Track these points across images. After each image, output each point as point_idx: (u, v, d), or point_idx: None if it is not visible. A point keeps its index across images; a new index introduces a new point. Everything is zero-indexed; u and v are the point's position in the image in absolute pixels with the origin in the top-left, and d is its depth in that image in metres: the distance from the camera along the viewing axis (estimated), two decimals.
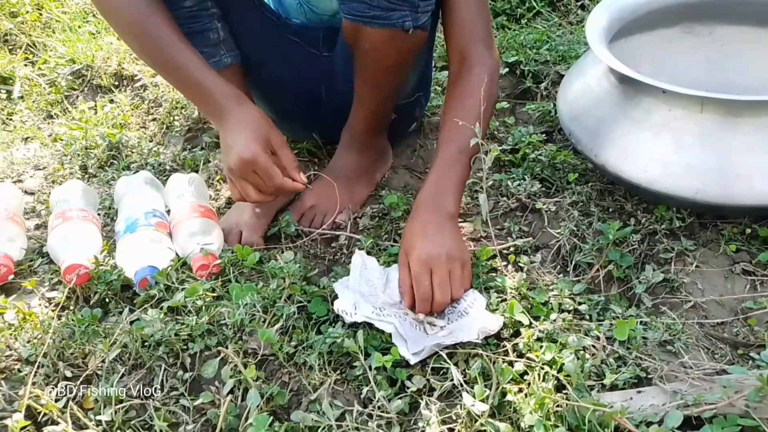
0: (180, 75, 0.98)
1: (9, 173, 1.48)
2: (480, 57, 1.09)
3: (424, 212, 1.01)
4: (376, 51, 1.06)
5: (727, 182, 0.99)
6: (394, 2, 0.98)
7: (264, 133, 0.96)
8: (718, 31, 1.35)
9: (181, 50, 0.96)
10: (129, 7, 0.96)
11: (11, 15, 2.07)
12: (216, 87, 0.97)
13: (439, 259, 0.95)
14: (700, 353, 0.90)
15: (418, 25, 1.02)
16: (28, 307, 1.02)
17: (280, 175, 0.97)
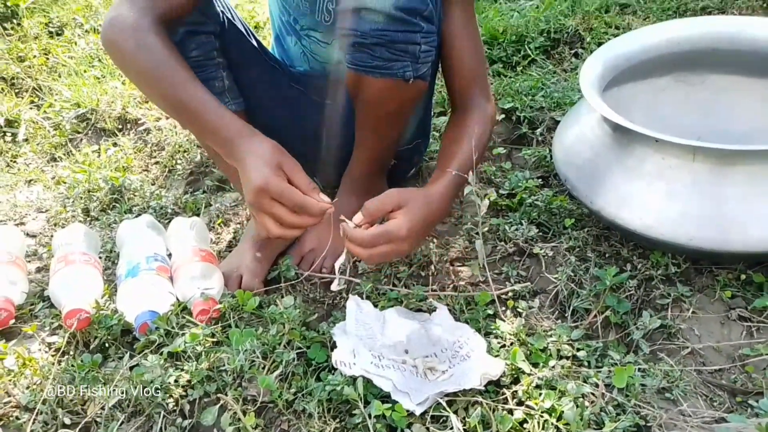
0: (193, 115, 0.96)
1: (12, 216, 1.49)
2: (479, 102, 1.15)
3: (432, 205, 1.00)
4: (377, 99, 1.09)
5: (721, 229, 1.01)
6: (396, 53, 1.02)
7: (275, 159, 0.91)
8: (710, 80, 1.39)
9: (193, 91, 0.95)
10: (142, 55, 0.96)
11: (19, 59, 2.12)
12: (228, 125, 0.95)
13: (403, 245, 0.95)
14: (699, 401, 0.90)
15: (418, 75, 1.06)
16: (28, 353, 1.02)
17: (299, 194, 0.89)
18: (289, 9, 1.26)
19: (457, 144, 1.09)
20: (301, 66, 1.34)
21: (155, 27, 0.97)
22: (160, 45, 0.96)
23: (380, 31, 0.98)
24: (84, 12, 2.38)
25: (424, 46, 1.03)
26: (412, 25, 0.99)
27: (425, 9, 0.99)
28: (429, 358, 0.98)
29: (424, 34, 1.01)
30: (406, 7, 0.97)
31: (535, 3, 2.15)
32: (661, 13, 1.98)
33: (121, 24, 0.97)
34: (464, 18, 1.13)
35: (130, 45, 0.96)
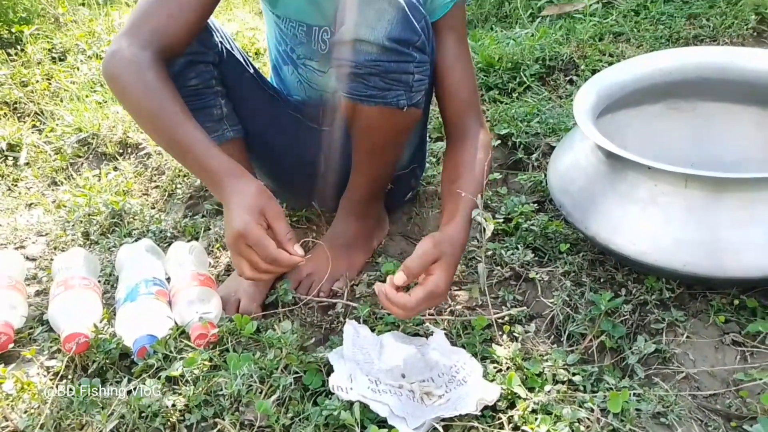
0: (184, 152, 0.99)
1: (12, 239, 1.50)
2: (474, 130, 1.16)
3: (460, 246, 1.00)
4: (372, 127, 1.12)
5: (714, 255, 1.02)
6: (390, 82, 1.04)
7: (258, 205, 0.93)
8: (702, 108, 1.42)
9: (186, 129, 0.98)
10: (140, 90, 0.98)
11: (22, 84, 2.14)
12: (218, 163, 0.97)
13: (441, 299, 0.98)
14: (693, 426, 0.91)
15: (412, 103, 1.08)
16: (27, 377, 1.03)
17: (273, 247, 0.91)
18: (286, 38, 1.29)
19: (462, 177, 1.09)
20: (298, 94, 1.37)
21: (154, 62, 0.99)
22: (158, 81, 0.98)
23: (374, 61, 1.01)
24: (87, 38, 2.42)
25: (417, 75, 1.05)
26: (405, 56, 1.02)
27: (417, 40, 1.02)
28: (426, 382, 0.98)
29: (417, 64, 1.04)
30: (399, 39, 1.00)
31: (530, 31, 2.19)
32: (654, 41, 2.02)
33: (121, 58, 0.99)
34: (457, 48, 1.16)
35: (128, 80, 0.98)
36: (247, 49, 2.36)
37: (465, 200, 1.04)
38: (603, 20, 2.18)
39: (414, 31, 1.01)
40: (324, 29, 1.22)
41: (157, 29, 1.01)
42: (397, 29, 0.99)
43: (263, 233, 0.91)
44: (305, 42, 1.25)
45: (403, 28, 1.00)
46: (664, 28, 2.08)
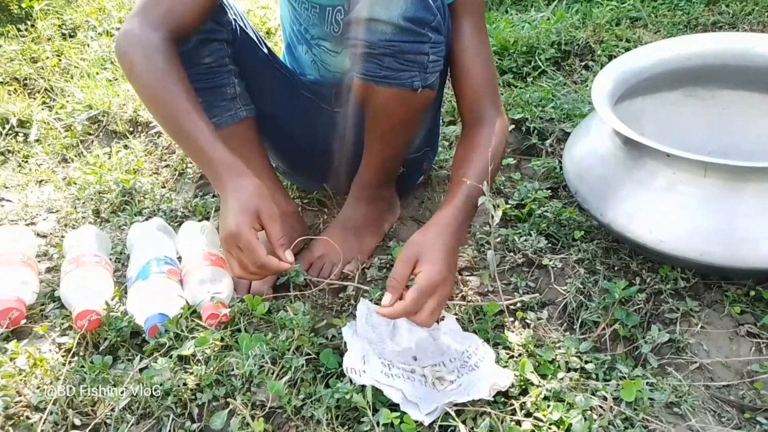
0: (188, 142, 0.98)
1: (23, 216, 1.50)
2: (490, 116, 1.13)
3: (447, 233, 0.98)
4: (385, 108, 1.10)
5: (731, 245, 1.01)
6: (404, 63, 1.02)
7: (254, 205, 0.93)
8: (720, 96, 1.39)
9: (191, 119, 0.97)
10: (149, 74, 0.98)
11: (32, 60, 2.13)
12: (218, 156, 0.96)
13: (445, 288, 0.95)
14: (707, 416, 0.90)
15: (426, 84, 1.06)
16: (39, 353, 1.03)
17: (262, 253, 0.92)
18: (300, 19, 1.27)
19: (469, 161, 1.08)
20: (312, 74, 1.35)
21: (165, 44, 0.99)
22: (166, 65, 0.98)
23: (389, 41, 0.99)
24: (97, 15, 2.40)
25: (432, 56, 1.03)
26: (420, 36, 1.00)
27: (433, 19, 1.00)
28: (437, 367, 0.98)
29: (432, 44, 1.02)
30: (415, 18, 0.98)
31: (546, 15, 2.16)
32: (671, 27, 1.99)
33: (132, 38, 0.98)
34: (474, 31, 1.13)
35: (138, 61, 0.98)
36: (258, 28, 2.33)
37: (465, 186, 1.02)
38: (620, 5, 2.14)
39: (430, 11, 0.99)
40: (338, 9, 1.20)
41: (168, 9, 1.00)
42: (412, 8, 0.98)
43: (254, 238, 0.92)
44: (318, 23, 1.23)
45: (419, 7, 0.98)
46: (683, 14, 2.05)
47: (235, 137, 1.19)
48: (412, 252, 0.95)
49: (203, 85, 1.14)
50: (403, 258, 0.95)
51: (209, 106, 1.16)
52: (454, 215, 1.01)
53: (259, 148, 1.26)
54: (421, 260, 0.94)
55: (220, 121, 1.18)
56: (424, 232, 0.98)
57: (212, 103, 1.17)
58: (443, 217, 1.00)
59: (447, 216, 1.00)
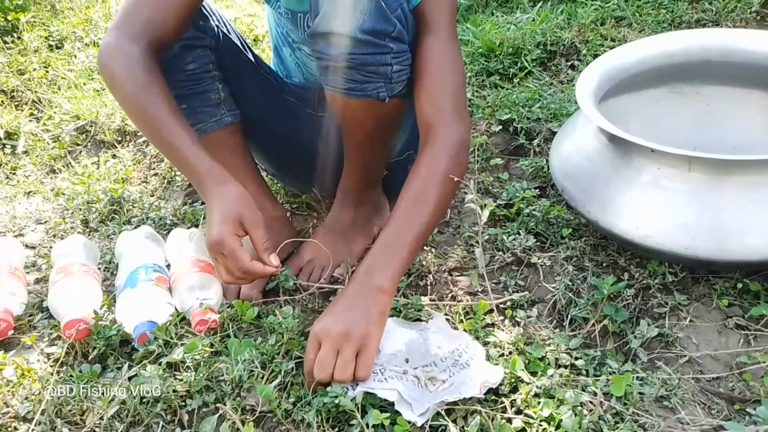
0: (171, 152, 0.99)
1: (11, 227, 1.49)
2: (446, 128, 1.03)
3: (351, 284, 0.95)
4: (356, 118, 1.10)
5: (717, 238, 1.02)
6: (367, 75, 1.01)
7: (236, 212, 0.94)
8: (704, 92, 1.40)
9: (173, 129, 0.98)
10: (130, 86, 0.99)
11: (19, 72, 2.13)
12: (201, 164, 0.97)
13: (328, 335, 0.89)
14: (697, 409, 0.91)
15: (393, 94, 1.05)
16: (27, 363, 1.02)
17: (246, 260, 0.92)
18: (282, 21, 1.28)
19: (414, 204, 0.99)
20: (297, 77, 1.36)
21: (144, 56, 1.00)
22: (147, 77, 0.99)
23: (349, 54, 0.98)
24: (84, 26, 2.40)
25: (396, 66, 1.02)
26: (380, 47, 0.99)
27: (393, 30, 0.98)
28: (429, 367, 0.98)
29: (394, 55, 1.01)
30: (373, 30, 0.96)
31: (531, 16, 2.17)
32: (656, 26, 2.00)
33: (112, 51, 1.00)
34: (434, 36, 1.05)
35: (119, 73, 0.99)
36: (245, 36, 2.33)
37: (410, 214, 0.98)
38: (605, 4, 2.16)
39: (389, 21, 0.97)
40: (308, 16, 1.20)
41: (146, 21, 1.01)
42: (370, 20, 0.96)
43: (237, 245, 0.93)
44: (293, 28, 1.24)
45: (377, 18, 0.96)
46: (666, 13, 2.06)
47: (221, 143, 1.20)
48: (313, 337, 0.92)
49: (187, 91, 1.15)
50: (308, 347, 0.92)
51: (194, 112, 1.16)
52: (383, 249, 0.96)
53: (245, 153, 1.26)
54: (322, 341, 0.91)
55: (205, 127, 1.18)
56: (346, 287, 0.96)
57: (197, 109, 1.17)
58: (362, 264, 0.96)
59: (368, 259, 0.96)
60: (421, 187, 1.00)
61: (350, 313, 0.92)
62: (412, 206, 0.99)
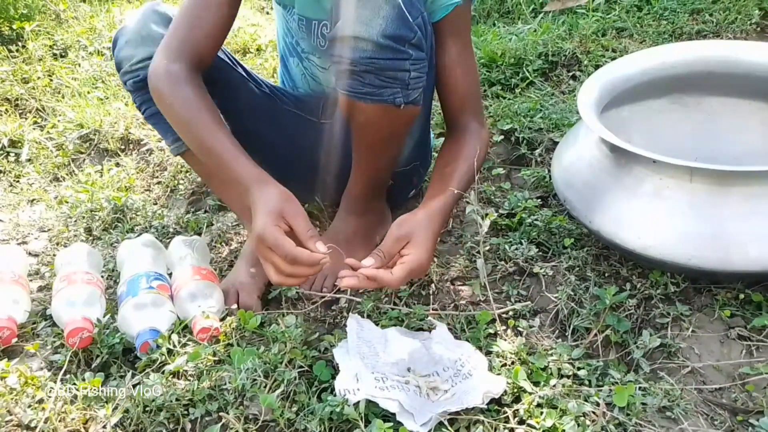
0: (217, 162, 1.02)
1: (14, 235, 1.50)
2: (474, 127, 1.18)
3: (436, 222, 1.04)
4: (370, 124, 1.11)
5: (719, 249, 1.02)
6: (385, 80, 1.03)
7: (277, 208, 0.94)
8: (706, 103, 1.41)
9: (217, 139, 1.02)
10: (177, 104, 1.05)
11: (23, 81, 2.14)
12: (244, 171, 1.00)
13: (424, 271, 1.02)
14: (700, 419, 0.91)
15: (409, 101, 1.07)
16: (30, 371, 1.02)
17: (291, 245, 0.91)
18: (292, 30, 1.29)
19: (452, 165, 1.13)
20: (303, 87, 1.37)
21: (188, 75, 1.06)
22: (192, 94, 1.05)
23: (369, 59, 1.00)
24: (88, 35, 2.42)
25: (413, 72, 1.04)
26: (400, 53, 1.00)
27: (413, 37, 1.00)
28: (431, 377, 0.98)
29: (413, 61, 1.02)
30: (394, 36, 0.99)
31: (532, 27, 2.19)
32: (657, 37, 2.02)
33: (158, 74, 1.06)
34: (458, 48, 1.16)
35: (166, 93, 1.05)
36: (248, 46, 2.35)
37: (451, 185, 1.08)
38: (606, 16, 2.17)
39: (410, 28, 1.00)
40: (323, 24, 1.21)
41: (184, 42, 1.08)
42: (392, 26, 0.98)
43: (280, 234, 0.91)
44: (306, 37, 1.25)
45: (399, 24, 0.98)
46: (667, 24, 2.08)
47: None
48: (405, 232, 1.01)
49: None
50: (395, 236, 1.01)
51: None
52: (442, 208, 1.05)
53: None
54: (413, 242, 1.00)
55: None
56: (416, 214, 1.04)
57: None
58: (434, 206, 1.05)
59: (437, 206, 1.05)
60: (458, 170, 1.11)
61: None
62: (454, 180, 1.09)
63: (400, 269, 0.97)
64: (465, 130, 1.18)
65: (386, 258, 0.99)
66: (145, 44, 1.15)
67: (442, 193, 1.07)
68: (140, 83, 1.16)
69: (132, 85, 1.18)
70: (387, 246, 1.00)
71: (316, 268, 0.93)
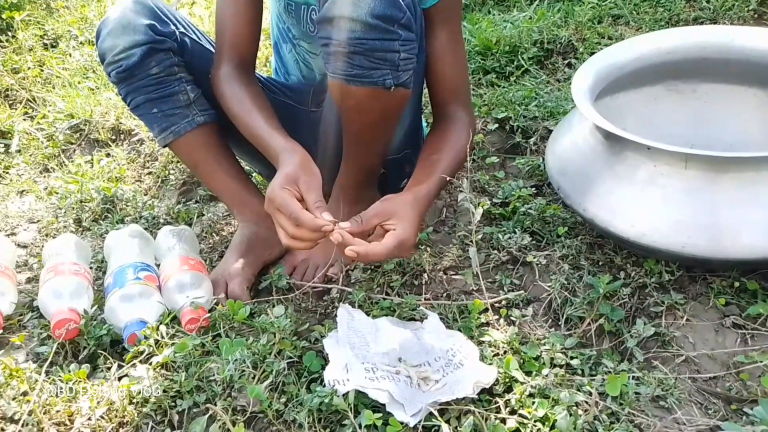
0: (258, 141, 1.09)
1: (3, 226, 1.48)
2: (460, 116, 1.19)
3: (421, 204, 1.04)
4: (359, 108, 1.09)
5: (713, 236, 1.01)
6: (375, 61, 1.01)
7: (293, 173, 0.97)
8: (701, 89, 1.39)
9: (257, 122, 1.10)
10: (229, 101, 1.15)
11: (13, 71, 2.12)
12: (276, 143, 1.05)
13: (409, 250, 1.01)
14: (693, 409, 0.90)
15: (399, 83, 1.05)
16: (16, 363, 1.01)
17: (297, 207, 0.93)
18: (284, 16, 1.27)
19: (437, 153, 1.13)
20: (295, 74, 1.35)
21: (231, 73, 1.17)
22: (233, 91, 1.15)
23: (358, 39, 0.98)
24: (79, 24, 2.39)
25: (403, 53, 1.02)
26: (389, 33, 0.99)
27: (402, 17, 0.99)
28: (423, 367, 0.97)
29: (402, 42, 1.01)
30: (383, 15, 0.97)
31: (528, 14, 2.16)
32: (653, 24, 1.99)
33: (213, 81, 1.19)
34: (448, 36, 1.16)
35: (219, 96, 1.18)
36: None
37: (438, 171, 1.09)
38: (602, 3, 2.15)
39: (398, 8, 0.98)
40: (312, 8, 1.20)
41: (221, 47, 1.19)
42: (380, 6, 0.97)
43: (288, 195, 0.95)
44: (296, 23, 1.23)
45: (388, 4, 0.97)
46: (664, 11, 2.05)
47: (197, 143, 1.22)
48: (388, 208, 1.00)
49: (155, 95, 1.18)
50: (379, 209, 1.00)
51: (165, 116, 1.20)
52: (427, 194, 1.06)
53: (224, 151, 1.27)
54: (398, 217, 0.99)
55: (178, 129, 1.21)
56: (402, 194, 1.05)
57: (167, 112, 1.20)
58: (419, 190, 1.06)
59: (422, 191, 1.06)
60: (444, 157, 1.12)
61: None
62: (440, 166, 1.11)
63: (390, 237, 0.97)
64: (452, 119, 1.18)
65: (363, 224, 0.98)
66: (126, 34, 1.13)
67: (427, 180, 1.07)
68: (123, 74, 1.15)
69: (115, 76, 1.17)
70: (368, 215, 1.00)
71: (318, 234, 0.94)
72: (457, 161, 1.13)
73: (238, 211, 1.29)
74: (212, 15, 2.22)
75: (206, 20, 2.32)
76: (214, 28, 1.24)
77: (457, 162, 1.14)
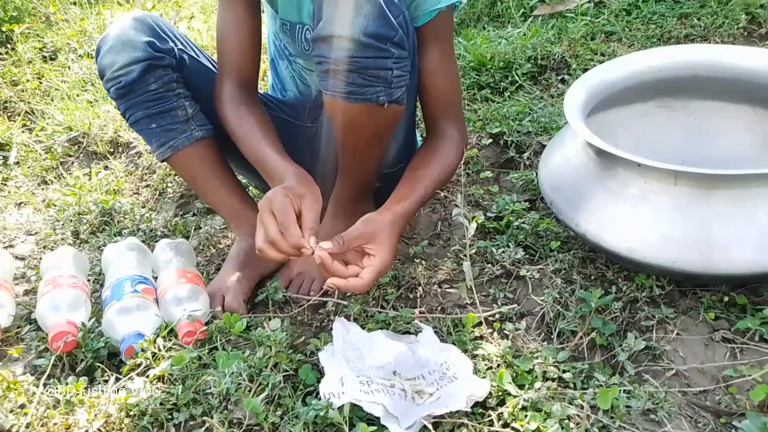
0: (261, 165, 1.12)
1: (1, 238, 1.49)
2: (451, 132, 1.21)
3: (400, 224, 1.08)
4: (354, 124, 1.11)
5: (703, 252, 1.02)
6: (368, 79, 1.03)
7: (299, 191, 1.01)
8: (692, 106, 1.42)
9: (258, 147, 1.13)
10: (231, 122, 1.19)
11: (12, 83, 2.13)
12: (286, 169, 1.08)
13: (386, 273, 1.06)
14: (683, 422, 0.91)
15: (392, 99, 1.07)
16: (13, 376, 1.02)
17: (291, 216, 0.97)
18: (280, 34, 1.29)
19: (422, 169, 1.16)
20: (292, 90, 1.37)
21: (233, 94, 1.20)
22: (237, 109, 1.19)
23: (352, 57, 1.00)
24: (78, 37, 2.41)
25: (396, 71, 1.04)
26: (382, 51, 1.01)
27: (395, 35, 1.01)
28: (417, 380, 0.98)
29: (395, 60, 1.03)
30: (376, 34, 0.99)
31: (522, 30, 2.19)
32: (645, 41, 2.02)
33: (216, 101, 1.22)
34: (440, 54, 1.17)
35: (221, 117, 1.20)
36: None
37: (420, 187, 1.12)
38: (595, 19, 2.18)
39: (391, 27, 1.00)
40: (306, 28, 1.22)
41: (223, 67, 1.22)
42: (373, 24, 0.98)
43: (288, 203, 0.98)
44: (291, 41, 1.25)
45: (380, 23, 0.99)
46: (656, 28, 2.08)
47: (195, 157, 1.24)
48: (371, 230, 1.03)
49: (154, 110, 1.20)
50: (360, 231, 1.03)
51: (164, 131, 1.22)
52: (406, 213, 1.09)
53: (222, 166, 1.28)
54: (377, 242, 1.03)
55: (176, 144, 1.22)
56: (382, 213, 1.07)
57: (166, 127, 1.21)
58: (399, 210, 1.08)
59: (402, 210, 1.08)
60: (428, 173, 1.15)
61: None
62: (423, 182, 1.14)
63: (369, 272, 1.00)
64: (443, 135, 1.20)
65: (344, 245, 1.01)
66: (125, 50, 1.15)
67: (409, 197, 1.10)
68: (122, 90, 1.17)
69: (115, 92, 1.18)
70: (350, 237, 1.02)
71: (295, 251, 0.97)
72: (441, 178, 1.16)
73: (235, 224, 1.30)
74: (210, 29, 2.25)
75: (204, 34, 2.34)
76: (212, 42, 1.26)
77: (441, 179, 1.16)
